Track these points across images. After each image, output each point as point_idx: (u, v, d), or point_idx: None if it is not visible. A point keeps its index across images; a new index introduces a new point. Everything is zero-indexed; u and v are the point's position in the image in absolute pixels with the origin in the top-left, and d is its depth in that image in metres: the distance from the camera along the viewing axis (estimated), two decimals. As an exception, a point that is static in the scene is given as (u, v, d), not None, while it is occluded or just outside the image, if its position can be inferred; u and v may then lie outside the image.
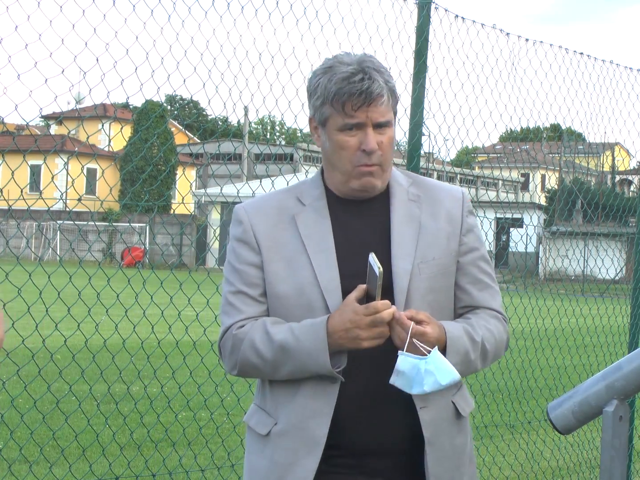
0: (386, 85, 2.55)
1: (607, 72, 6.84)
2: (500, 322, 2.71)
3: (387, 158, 2.59)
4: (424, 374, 2.43)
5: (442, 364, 2.44)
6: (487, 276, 2.72)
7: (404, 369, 2.44)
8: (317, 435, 2.55)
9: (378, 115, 2.54)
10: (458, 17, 5.52)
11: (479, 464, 7.01)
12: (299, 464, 2.56)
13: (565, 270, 14.17)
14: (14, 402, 4.69)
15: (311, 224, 2.63)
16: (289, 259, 2.60)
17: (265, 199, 2.71)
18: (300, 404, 2.58)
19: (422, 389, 2.44)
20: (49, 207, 4.83)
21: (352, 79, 2.53)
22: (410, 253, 2.60)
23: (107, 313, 4.40)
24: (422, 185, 2.72)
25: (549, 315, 7.29)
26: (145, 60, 4.27)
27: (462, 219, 2.69)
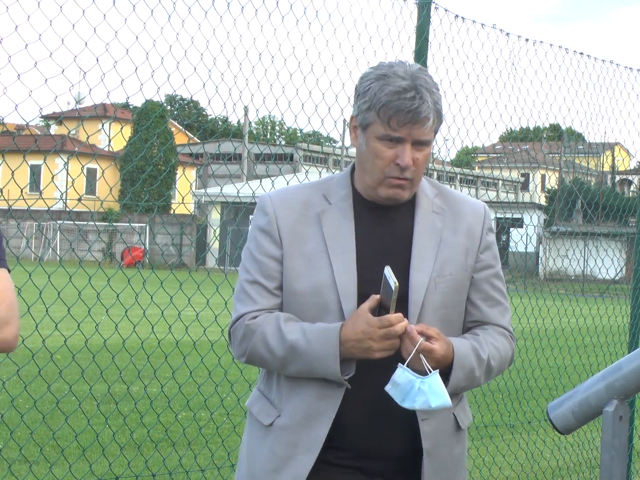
0: (434, 107, 2.57)
1: (607, 72, 6.84)
2: (507, 340, 2.75)
3: (419, 174, 2.61)
4: (417, 391, 2.46)
5: (437, 387, 2.46)
6: (498, 293, 2.75)
7: (400, 382, 2.47)
8: (318, 435, 2.58)
9: (420, 134, 2.56)
10: (458, 17, 5.52)
11: (479, 464, 7.01)
12: (297, 458, 2.59)
13: (565, 270, 14.17)
14: (14, 402, 4.69)
15: (335, 224, 2.63)
16: (310, 256, 2.61)
17: (292, 192, 2.71)
18: (305, 402, 2.60)
19: (412, 405, 2.47)
20: (49, 207, 4.83)
21: (404, 95, 2.52)
22: (429, 266, 2.61)
23: (107, 313, 4.40)
24: (447, 197, 2.73)
25: (549, 315, 7.29)
26: (145, 60, 4.27)
27: (481, 236, 2.71)
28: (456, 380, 2.57)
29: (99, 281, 4.39)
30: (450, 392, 2.52)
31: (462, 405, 2.74)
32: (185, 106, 77.89)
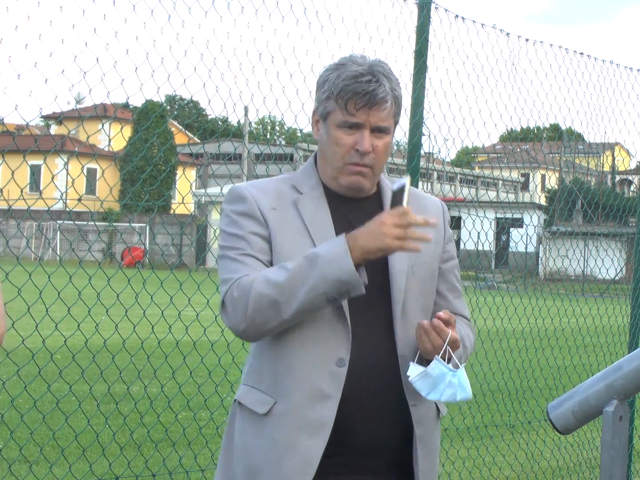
0: (392, 92, 2.59)
1: (607, 72, 6.84)
2: (472, 331, 2.84)
3: (379, 162, 2.63)
4: (447, 384, 2.51)
5: (464, 380, 2.54)
6: (459, 284, 2.84)
7: (434, 374, 2.51)
8: (324, 416, 2.53)
9: (378, 119, 2.59)
10: (458, 17, 5.52)
11: (479, 464, 7.01)
12: (303, 444, 2.54)
13: (565, 270, 14.16)
14: (14, 402, 4.69)
15: (312, 211, 2.65)
16: (293, 240, 2.61)
17: (263, 183, 2.73)
18: (305, 385, 2.55)
19: (439, 397, 2.53)
20: (49, 207, 4.83)
21: (360, 78, 2.57)
22: (404, 254, 2.62)
23: (107, 313, 4.40)
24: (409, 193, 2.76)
25: (549, 315, 7.29)
26: (145, 60, 4.27)
27: (444, 228, 2.79)
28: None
29: (99, 281, 4.39)
30: None
31: None
32: (185, 106, 77.86)
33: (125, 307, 4.53)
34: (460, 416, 7.90)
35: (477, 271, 16.43)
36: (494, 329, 7.15)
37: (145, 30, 4.18)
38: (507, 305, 6.87)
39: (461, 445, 7.46)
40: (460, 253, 20.01)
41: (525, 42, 6.10)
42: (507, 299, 7.38)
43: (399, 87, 2.63)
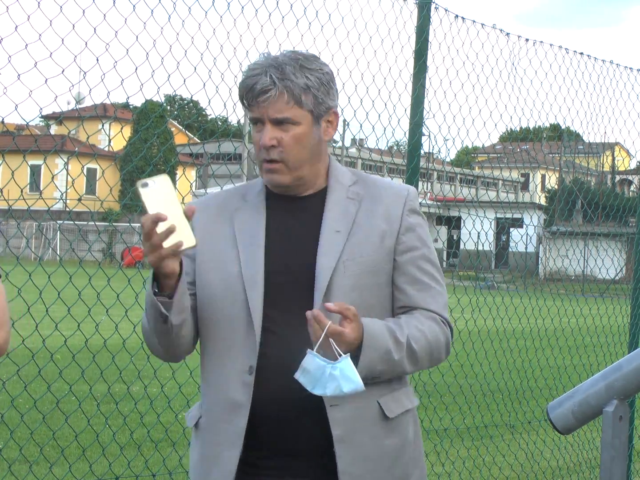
0: (281, 82, 2.54)
1: (607, 72, 6.85)
2: (437, 324, 2.63)
3: (290, 155, 2.58)
4: (328, 377, 2.40)
5: (349, 372, 2.40)
6: (428, 277, 2.66)
7: (310, 368, 2.42)
8: (238, 428, 2.56)
9: (273, 111, 2.55)
10: (458, 17, 5.52)
11: (479, 464, 7.01)
12: (223, 456, 2.58)
13: (565, 270, 14.16)
14: (14, 402, 4.69)
15: (247, 220, 2.65)
16: (220, 252, 2.63)
17: (213, 196, 2.77)
18: (220, 397, 2.60)
19: (324, 392, 2.42)
20: (49, 207, 4.83)
21: (249, 73, 2.57)
22: (337, 250, 2.58)
23: (107, 313, 4.40)
24: (367, 183, 2.71)
25: (549, 315, 7.29)
26: (145, 60, 4.27)
27: (401, 218, 2.65)
28: (368, 362, 2.49)
29: (99, 281, 4.39)
30: (364, 375, 2.47)
31: (394, 395, 2.65)
32: (185, 106, 77.85)
33: (125, 307, 4.53)
34: (460, 416, 7.91)
35: (477, 271, 16.43)
36: (494, 329, 7.15)
37: (145, 30, 4.18)
38: (507, 305, 6.87)
39: (461, 445, 7.46)
40: (460, 253, 20.08)
41: (525, 42, 6.11)
42: (507, 299, 7.38)
43: (300, 76, 2.55)
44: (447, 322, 2.67)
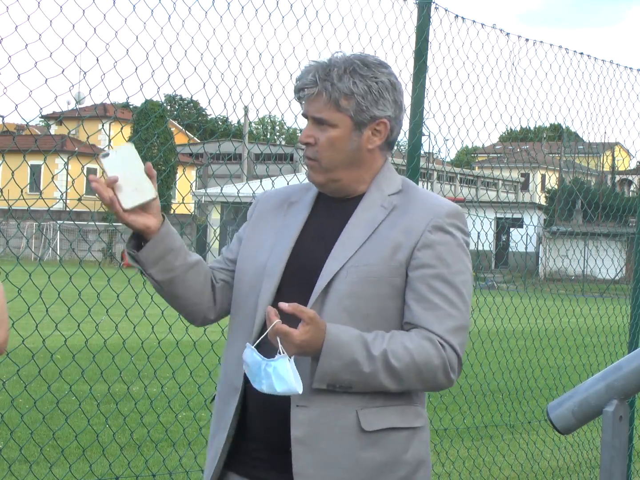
0: (322, 83, 2.56)
1: (607, 72, 6.85)
2: (433, 345, 2.51)
3: (323, 155, 2.61)
4: (263, 373, 2.42)
5: (282, 371, 2.38)
6: (439, 297, 2.54)
7: (248, 362, 2.47)
8: (230, 412, 2.64)
9: (313, 110, 2.60)
10: (458, 17, 5.52)
11: (479, 464, 7.00)
12: (218, 436, 2.69)
13: (565, 270, 14.17)
14: (14, 402, 4.69)
15: (294, 215, 2.72)
16: (262, 241, 2.72)
17: (284, 188, 2.87)
18: (225, 378, 2.71)
19: (260, 387, 2.44)
20: (49, 207, 4.83)
21: (303, 69, 2.63)
22: (347, 255, 2.57)
23: (107, 313, 4.40)
24: (408, 195, 2.66)
25: (549, 315, 7.29)
26: (145, 60, 4.27)
27: (422, 233, 2.56)
28: (327, 369, 2.45)
29: (99, 281, 4.39)
30: (327, 381, 2.45)
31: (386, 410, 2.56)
32: (185, 106, 77.85)
33: (125, 307, 4.52)
34: (460, 416, 7.91)
35: (477, 271, 16.42)
36: (494, 329, 7.15)
37: (145, 30, 4.18)
38: (507, 305, 6.87)
39: (461, 445, 7.46)
40: (460, 253, 19.72)
41: (525, 42, 6.10)
42: (507, 299, 7.38)
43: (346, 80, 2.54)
44: (451, 346, 2.53)
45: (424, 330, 2.54)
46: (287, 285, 2.62)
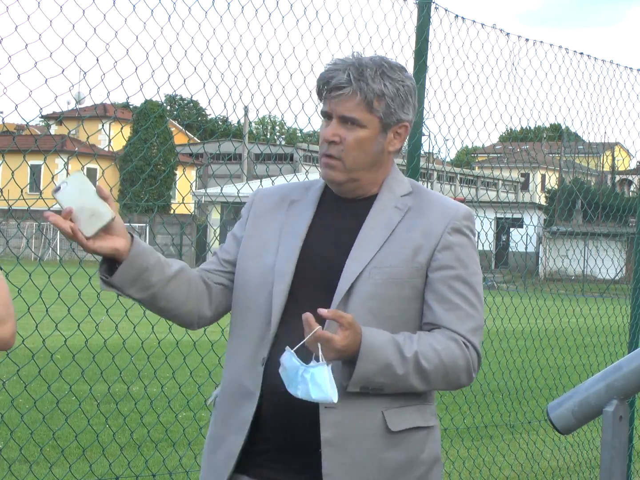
0: (357, 83, 2.53)
1: (607, 72, 6.85)
2: (458, 346, 2.57)
3: (349, 155, 2.58)
4: (300, 379, 2.39)
5: (320, 379, 2.37)
6: (459, 297, 2.59)
7: (287, 366, 2.43)
8: (245, 415, 2.59)
9: (342, 108, 2.56)
10: (458, 17, 5.52)
11: (479, 464, 7.01)
12: (229, 438, 2.63)
13: (565, 270, 14.17)
14: (14, 402, 4.69)
15: (297, 214, 2.68)
16: (265, 241, 2.68)
17: (280, 186, 2.83)
18: (234, 380, 2.65)
19: (295, 392, 2.41)
20: (49, 207, 4.82)
21: (332, 67, 2.57)
22: (368, 257, 2.57)
23: (107, 313, 4.40)
24: (420, 197, 2.68)
25: (549, 315, 7.29)
26: (145, 60, 4.27)
27: (441, 235, 2.60)
28: (364, 372, 2.46)
29: (99, 281, 4.38)
30: (361, 385, 2.46)
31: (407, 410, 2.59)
32: (185, 106, 77.85)
33: (126, 307, 4.52)
34: (460, 416, 7.91)
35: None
36: (494, 329, 7.15)
37: (145, 30, 4.18)
38: (507, 305, 6.87)
39: (461, 445, 7.47)
40: (460, 253, 19.61)
41: (525, 42, 6.11)
42: (507, 299, 7.38)
43: (378, 81, 2.54)
44: (474, 346, 2.60)
45: (447, 330, 2.57)
46: (299, 287, 2.59)
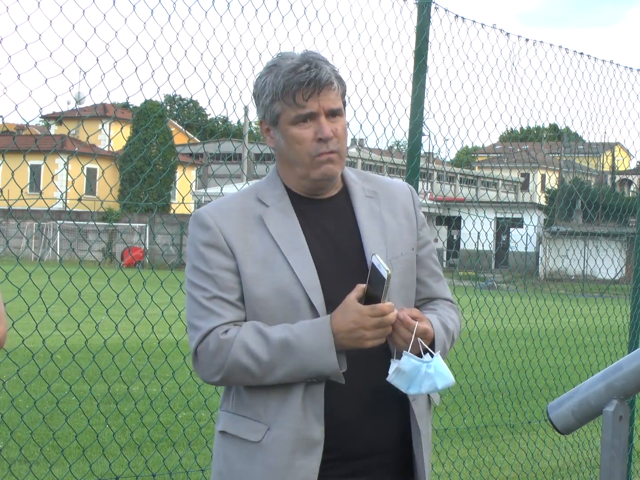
0: (333, 73, 2.57)
1: (607, 72, 6.85)
2: (456, 312, 2.76)
3: (342, 145, 2.60)
4: (423, 376, 2.46)
5: (441, 368, 2.48)
6: (438, 267, 2.78)
7: (406, 369, 2.45)
8: (314, 436, 2.51)
9: (330, 102, 2.56)
10: (458, 17, 5.52)
11: (479, 463, 7.01)
12: (298, 465, 2.51)
13: (565, 270, 14.17)
14: (14, 402, 4.69)
15: (280, 224, 2.59)
16: (263, 260, 2.55)
17: (226, 202, 2.65)
18: (293, 406, 2.52)
19: (419, 390, 2.47)
20: (49, 207, 4.83)
21: (299, 69, 2.54)
22: (383, 249, 2.60)
23: (107, 313, 4.40)
24: (373, 181, 2.74)
25: (549, 315, 7.29)
26: (145, 60, 4.27)
27: (415, 213, 2.73)
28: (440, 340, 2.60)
29: (99, 281, 4.39)
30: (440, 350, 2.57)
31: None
32: (185, 106, 77.85)
33: (125, 307, 4.53)
34: (460, 416, 7.91)
35: (477, 271, 16.43)
36: (494, 329, 7.15)
37: (145, 30, 4.18)
38: (507, 305, 6.87)
39: (461, 445, 7.47)
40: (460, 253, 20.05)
41: (525, 42, 6.10)
42: (507, 299, 7.38)
43: (337, 68, 2.62)
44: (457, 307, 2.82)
45: (443, 300, 2.76)
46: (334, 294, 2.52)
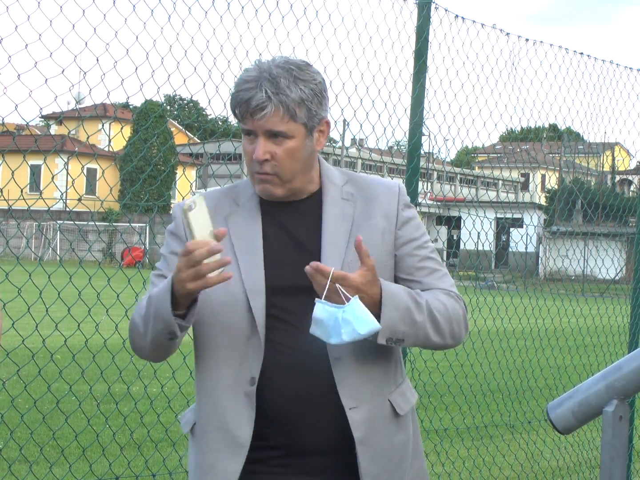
0: (276, 97, 2.48)
1: (607, 72, 6.85)
2: (452, 299, 2.64)
3: (283, 169, 2.54)
4: (341, 322, 2.38)
5: (361, 312, 2.38)
6: (431, 262, 2.68)
7: (322, 318, 2.39)
8: (240, 438, 2.54)
9: (269, 124, 2.50)
10: (458, 17, 5.52)
11: (479, 464, 7.01)
12: (220, 466, 2.56)
13: (565, 270, 14.17)
14: (14, 402, 4.69)
15: (242, 225, 2.62)
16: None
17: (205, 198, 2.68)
18: (220, 405, 2.58)
19: (341, 339, 2.39)
20: (49, 207, 4.83)
21: (243, 86, 2.52)
22: (341, 252, 2.58)
23: (107, 313, 4.40)
24: (357, 183, 2.71)
25: (549, 315, 7.29)
26: (145, 60, 4.27)
27: (397, 214, 2.67)
28: (389, 319, 2.47)
29: (99, 281, 4.39)
30: (388, 334, 2.47)
31: (400, 391, 2.68)
32: (185, 106, 77.89)
33: (125, 307, 4.52)
34: (460, 416, 7.91)
35: (477, 271, 16.43)
36: (494, 329, 7.15)
37: (145, 30, 4.18)
38: (507, 305, 6.87)
39: (461, 445, 7.47)
40: (460, 253, 20.04)
41: (525, 42, 6.11)
42: (507, 299, 7.38)
43: (294, 90, 2.50)
44: (460, 298, 2.67)
45: (437, 289, 2.64)
46: (279, 299, 2.55)
